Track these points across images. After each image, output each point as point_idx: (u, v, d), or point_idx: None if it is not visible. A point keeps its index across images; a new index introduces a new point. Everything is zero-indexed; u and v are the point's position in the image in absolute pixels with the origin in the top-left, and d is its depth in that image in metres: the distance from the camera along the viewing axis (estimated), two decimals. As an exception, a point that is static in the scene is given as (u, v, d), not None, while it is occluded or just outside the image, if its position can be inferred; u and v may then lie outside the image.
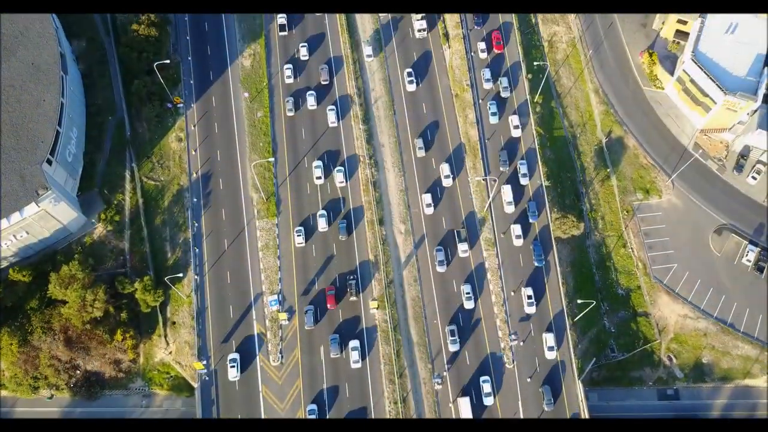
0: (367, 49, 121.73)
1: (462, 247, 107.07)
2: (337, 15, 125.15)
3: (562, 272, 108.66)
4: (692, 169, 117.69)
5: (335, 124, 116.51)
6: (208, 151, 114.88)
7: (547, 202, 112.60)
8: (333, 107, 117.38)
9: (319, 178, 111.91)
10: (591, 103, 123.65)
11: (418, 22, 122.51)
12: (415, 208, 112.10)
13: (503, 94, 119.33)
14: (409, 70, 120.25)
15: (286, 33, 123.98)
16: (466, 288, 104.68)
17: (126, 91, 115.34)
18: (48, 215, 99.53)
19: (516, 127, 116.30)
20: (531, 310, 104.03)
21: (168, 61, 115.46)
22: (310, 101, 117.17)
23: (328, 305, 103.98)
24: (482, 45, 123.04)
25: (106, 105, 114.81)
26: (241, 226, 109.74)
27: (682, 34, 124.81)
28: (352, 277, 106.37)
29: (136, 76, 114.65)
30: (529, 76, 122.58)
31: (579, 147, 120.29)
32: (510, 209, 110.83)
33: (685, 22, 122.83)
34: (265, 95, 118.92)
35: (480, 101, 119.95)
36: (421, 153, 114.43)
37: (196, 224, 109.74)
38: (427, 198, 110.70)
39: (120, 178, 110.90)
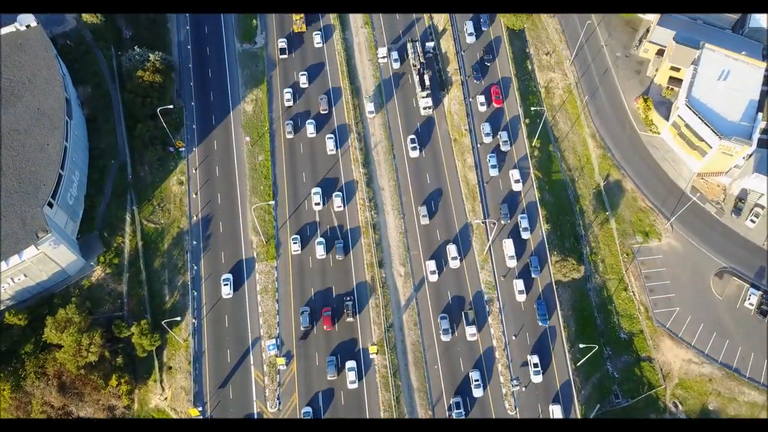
0: (369, 106, 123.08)
1: (470, 330, 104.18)
2: (338, 61, 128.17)
3: (563, 316, 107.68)
4: (691, 213, 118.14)
5: (333, 152, 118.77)
6: (208, 194, 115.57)
7: (546, 245, 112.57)
8: (332, 135, 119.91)
9: (317, 204, 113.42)
10: (588, 147, 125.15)
11: (423, 99, 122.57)
12: (415, 251, 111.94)
13: (503, 148, 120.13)
14: (413, 136, 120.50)
15: (286, 56, 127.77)
16: (473, 374, 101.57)
17: (129, 136, 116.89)
18: (47, 258, 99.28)
19: (517, 181, 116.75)
20: (537, 378, 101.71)
21: (171, 106, 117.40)
22: (310, 129, 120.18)
23: (325, 326, 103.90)
24: (481, 98, 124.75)
25: (109, 149, 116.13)
26: (241, 269, 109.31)
27: (675, 81, 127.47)
28: (349, 298, 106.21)
29: (140, 121, 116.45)
30: (527, 121, 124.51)
31: (577, 190, 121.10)
32: (512, 263, 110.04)
33: (678, 69, 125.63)
34: (266, 140, 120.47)
35: (478, 145, 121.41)
36: (424, 220, 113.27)
37: (195, 267, 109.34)
38: (431, 265, 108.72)
39: (120, 221, 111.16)
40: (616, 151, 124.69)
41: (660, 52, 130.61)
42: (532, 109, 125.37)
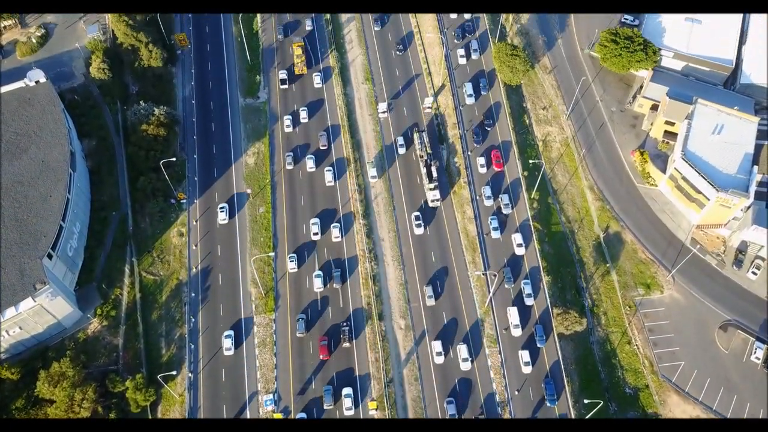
0: (371, 171, 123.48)
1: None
2: (338, 111, 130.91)
3: (566, 370, 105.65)
4: (692, 265, 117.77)
5: (332, 184, 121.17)
6: (208, 246, 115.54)
7: (548, 297, 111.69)
8: (330, 168, 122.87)
9: (316, 234, 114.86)
10: (587, 199, 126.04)
11: (431, 192, 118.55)
12: (415, 302, 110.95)
13: (505, 211, 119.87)
14: (417, 213, 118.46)
15: (286, 86, 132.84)
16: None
17: (132, 187, 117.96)
18: (43, 310, 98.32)
19: (519, 245, 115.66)
20: None
21: (174, 159, 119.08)
22: (309, 164, 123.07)
23: (321, 356, 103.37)
24: (482, 160, 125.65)
25: (111, 200, 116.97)
26: (240, 324, 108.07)
27: (670, 135, 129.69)
28: (345, 323, 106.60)
29: (143, 173, 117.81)
30: (525, 173, 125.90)
31: (577, 242, 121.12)
32: (517, 332, 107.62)
33: (672, 124, 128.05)
34: (268, 191, 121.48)
35: (477, 197, 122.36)
36: (427, 294, 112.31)
37: (193, 319, 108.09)
38: (437, 345, 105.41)
39: (119, 273, 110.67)
40: (614, 203, 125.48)
41: (654, 107, 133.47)
42: (531, 161, 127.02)
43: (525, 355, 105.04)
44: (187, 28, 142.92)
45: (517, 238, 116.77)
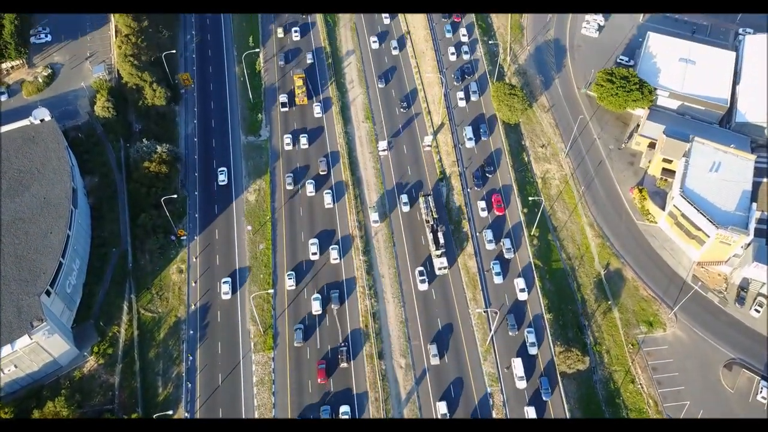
0: (373, 216, 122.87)
1: None
2: (338, 143, 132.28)
3: (569, 409, 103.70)
4: (694, 302, 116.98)
5: (331, 206, 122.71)
6: (208, 283, 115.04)
7: (549, 336, 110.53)
8: (329, 191, 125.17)
9: (314, 254, 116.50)
10: (587, 236, 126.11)
11: (438, 259, 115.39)
12: (416, 341, 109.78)
13: (507, 255, 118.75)
14: (420, 268, 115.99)
15: (287, 109, 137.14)
16: None
17: (132, 224, 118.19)
18: (40, 348, 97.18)
19: (522, 290, 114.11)
20: None
21: (175, 196, 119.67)
22: (309, 189, 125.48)
23: (319, 379, 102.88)
24: (482, 204, 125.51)
25: (111, 237, 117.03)
26: (237, 359, 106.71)
27: (668, 172, 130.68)
28: (343, 344, 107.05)
29: (144, 210, 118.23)
30: (525, 210, 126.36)
31: (578, 279, 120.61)
32: (522, 385, 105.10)
33: (670, 161, 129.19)
34: (268, 228, 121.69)
35: (477, 234, 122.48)
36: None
37: (191, 357, 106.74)
38: (442, 407, 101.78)
39: (117, 310, 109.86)
40: (614, 240, 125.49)
41: (651, 145, 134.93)
42: (530, 199, 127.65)
43: (531, 412, 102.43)
44: (191, 68, 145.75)
45: (519, 282, 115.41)
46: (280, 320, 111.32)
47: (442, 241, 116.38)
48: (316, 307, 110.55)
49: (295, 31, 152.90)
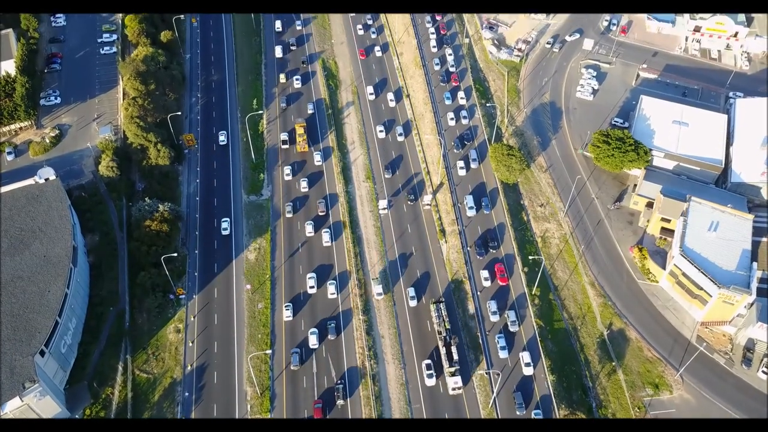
0: (377, 288, 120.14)
1: None
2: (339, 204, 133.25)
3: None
4: (700, 363, 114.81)
5: (329, 244, 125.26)
6: (205, 342, 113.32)
7: (553, 398, 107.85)
8: (327, 230, 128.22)
9: (312, 287, 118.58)
10: (588, 295, 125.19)
11: (452, 378, 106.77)
12: (417, 404, 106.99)
13: (511, 328, 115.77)
14: (426, 362, 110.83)
15: (287, 146, 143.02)
16: None
17: (131, 283, 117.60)
18: (30, 410, 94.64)
19: (528, 364, 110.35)
20: None
21: (176, 254, 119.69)
22: (308, 229, 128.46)
23: (315, 417, 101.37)
24: (485, 273, 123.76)
25: (109, 296, 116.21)
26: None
27: (667, 231, 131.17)
28: (339, 381, 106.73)
29: (143, 268, 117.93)
30: (525, 269, 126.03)
31: (581, 339, 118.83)
32: None
33: (668, 220, 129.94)
34: (267, 287, 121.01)
35: (478, 293, 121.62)
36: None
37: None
38: None
39: (112, 370, 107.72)
40: (616, 299, 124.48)
41: (649, 204, 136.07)
42: (530, 257, 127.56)
43: None
44: (195, 129, 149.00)
45: (525, 356, 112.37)
46: (278, 381, 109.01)
47: (456, 356, 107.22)
48: (313, 341, 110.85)
49: (297, 79, 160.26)
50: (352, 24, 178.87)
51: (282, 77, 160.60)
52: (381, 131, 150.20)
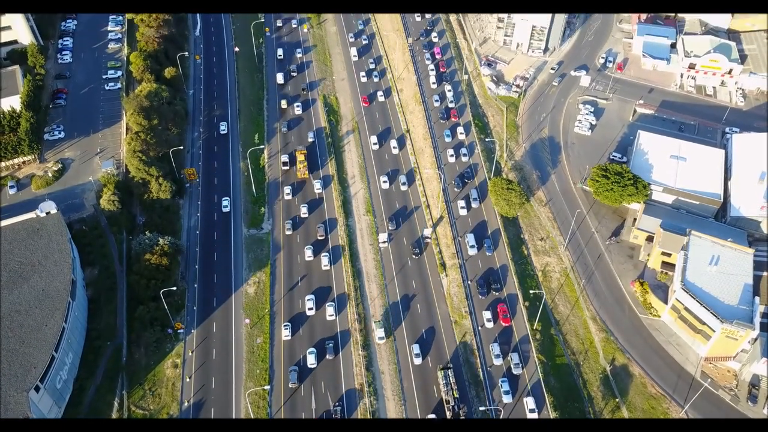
0: (379, 332, 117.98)
1: None
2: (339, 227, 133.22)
3: None
4: (705, 400, 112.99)
5: (327, 267, 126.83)
6: (203, 378, 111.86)
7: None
8: (327, 254, 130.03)
9: (311, 309, 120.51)
10: (590, 330, 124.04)
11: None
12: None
13: (515, 371, 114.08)
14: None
15: (287, 168, 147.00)
16: None
17: (129, 317, 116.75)
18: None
19: (532, 410, 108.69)
20: None
21: (175, 288, 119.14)
22: (308, 254, 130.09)
23: None
24: (488, 314, 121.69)
25: (107, 330, 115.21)
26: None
27: (668, 265, 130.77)
28: (337, 403, 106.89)
29: (142, 302, 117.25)
30: (527, 303, 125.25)
31: (584, 375, 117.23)
32: None
33: (669, 254, 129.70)
34: (266, 321, 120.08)
35: (477, 323, 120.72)
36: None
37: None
38: None
39: (107, 407, 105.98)
40: (618, 334, 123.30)
41: (649, 239, 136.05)
42: (531, 292, 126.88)
43: None
44: (197, 163, 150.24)
45: (529, 402, 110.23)
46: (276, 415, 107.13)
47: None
48: (311, 361, 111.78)
49: (297, 106, 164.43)
50: (356, 70, 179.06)
51: (283, 102, 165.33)
52: (385, 182, 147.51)
